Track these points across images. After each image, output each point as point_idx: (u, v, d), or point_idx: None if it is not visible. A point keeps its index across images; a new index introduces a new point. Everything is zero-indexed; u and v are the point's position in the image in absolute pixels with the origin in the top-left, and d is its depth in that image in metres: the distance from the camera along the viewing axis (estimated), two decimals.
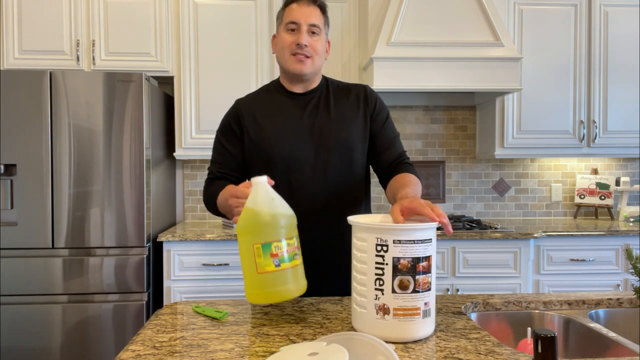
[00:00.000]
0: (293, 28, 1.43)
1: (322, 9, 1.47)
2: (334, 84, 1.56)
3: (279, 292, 1.08)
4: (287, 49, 1.44)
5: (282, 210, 1.11)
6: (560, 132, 3.03)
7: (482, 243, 2.67)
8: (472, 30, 2.77)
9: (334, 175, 1.45)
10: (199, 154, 2.94)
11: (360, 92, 1.53)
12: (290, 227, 1.13)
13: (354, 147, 1.46)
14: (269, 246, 1.07)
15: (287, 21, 1.44)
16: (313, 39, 1.43)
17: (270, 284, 1.08)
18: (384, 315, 0.99)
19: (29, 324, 2.42)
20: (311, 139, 1.45)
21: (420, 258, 0.98)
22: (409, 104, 3.31)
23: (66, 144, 2.44)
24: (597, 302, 1.34)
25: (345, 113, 1.48)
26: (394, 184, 1.38)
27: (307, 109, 1.48)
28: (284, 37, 1.45)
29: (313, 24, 1.43)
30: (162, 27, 2.87)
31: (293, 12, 1.43)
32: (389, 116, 1.54)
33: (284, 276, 1.08)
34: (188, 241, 2.63)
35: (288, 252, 1.09)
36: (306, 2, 1.44)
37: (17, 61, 2.80)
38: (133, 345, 1.00)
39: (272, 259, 1.07)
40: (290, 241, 1.11)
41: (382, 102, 1.55)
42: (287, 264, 1.09)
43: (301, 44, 1.41)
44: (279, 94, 1.52)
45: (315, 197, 1.44)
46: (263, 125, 1.47)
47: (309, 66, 1.44)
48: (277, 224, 1.09)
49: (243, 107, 1.51)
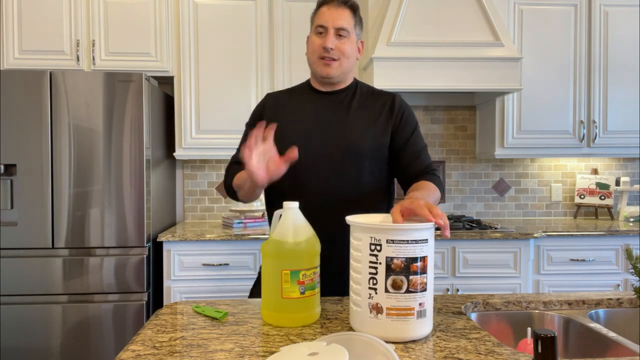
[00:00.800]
0: (321, 31, 1.45)
1: (353, 10, 1.48)
2: (363, 88, 1.56)
3: (298, 319, 1.11)
4: (315, 52, 1.46)
5: (311, 238, 1.14)
6: (560, 132, 3.03)
7: (482, 243, 2.67)
8: (472, 30, 2.77)
9: (340, 176, 1.45)
10: (199, 154, 2.94)
11: (387, 101, 1.52)
12: (317, 255, 1.15)
13: (362, 152, 1.45)
14: (297, 274, 1.10)
15: (316, 24, 1.46)
16: (340, 41, 1.44)
17: (292, 310, 1.10)
18: (377, 315, 0.99)
19: (29, 324, 2.42)
20: (322, 137, 1.46)
21: (414, 258, 0.98)
22: (409, 104, 3.30)
23: (66, 144, 2.44)
24: (597, 302, 1.34)
25: (362, 118, 1.48)
26: (409, 191, 1.38)
27: (328, 107, 1.50)
28: (313, 40, 1.47)
29: (340, 27, 1.43)
30: (162, 27, 2.87)
31: (322, 16, 1.45)
32: (417, 128, 1.53)
33: (306, 303, 1.11)
34: (188, 241, 2.63)
35: (313, 281, 1.12)
36: (336, 4, 1.45)
37: (17, 61, 2.80)
38: (133, 345, 1.00)
39: (298, 286, 1.10)
40: (315, 270, 1.13)
41: (411, 113, 1.53)
42: (311, 292, 1.12)
43: (327, 47, 1.42)
44: (304, 91, 1.55)
45: (321, 196, 1.44)
46: (280, 119, 1.47)
47: (335, 69, 1.46)
48: (307, 253, 1.11)
49: (268, 101, 1.56)
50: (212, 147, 2.92)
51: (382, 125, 1.48)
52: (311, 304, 1.12)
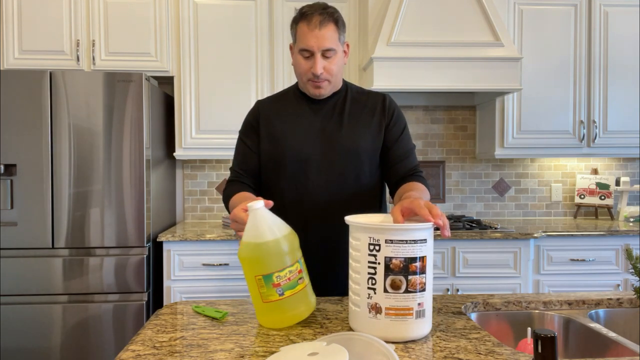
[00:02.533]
0: (307, 55, 1.40)
1: (335, 21, 1.40)
2: (353, 89, 1.55)
3: (287, 318, 1.09)
4: (304, 75, 1.43)
5: (280, 235, 1.07)
6: (560, 132, 3.03)
7: (482, 243, 2.67)
8: (472, 30, 2.77)
9: (341, 179, 1.45)
10: (199, 154, 2.94)
11: (378, 101, 1.51)
12: (292, 251, 1.09)
13: (362, 154, 1.45)
14: (270, 277, 1.05)
15: (300, 47, 1.40)
16: (328, 61, 1.40)
17: (278, 311, 1.07)
18: (376, 315, 0.99)
19: (29, 324, 2.42)
20: (320, 142, 1.45)
21: (413, 258, 0.98)
22: (409, 104, 3.31)
23: (66, 144, 2.44)
24: (597, 302, 1.34)
25: (358, 120, 1.47)
26: (400, 191, 1.38)
27: (322, 112, 1.48)
28: (300, 61, 1.42)
29: (327, 48, 1.38)
30: (162, 27, 2.87)
31: (305, 38, 1.38)
32: (406, 128, 1.52)
33: (290, 303, 1.07)
34: (188, 241, 2.63)
35: (291, 280, 1.07)
36: (317, 21, 1.36)
37: (17, 61, 2.80)
38: (133, 345, 1.00)
39: (274, 288, 1.06)
40: (292, 267, 1.07)
41: (400, 114, 1.53)
42: (291, 291, 1.07)
43: (316, 74, 1.39)
44: (296, 96, 1.52)
45: (321, 200, 1.44)
46: (276, 126, 1.47)
47: (326, 88, 1.44)
48: (276, 253, 1.06)
49: (261, 107, 1.53)
50: (212, 147, 2.92)
51: (376, 124, 1.48)
52: (298, 301, 1.08)
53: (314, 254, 1.38)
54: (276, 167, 1.46)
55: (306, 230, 1.41)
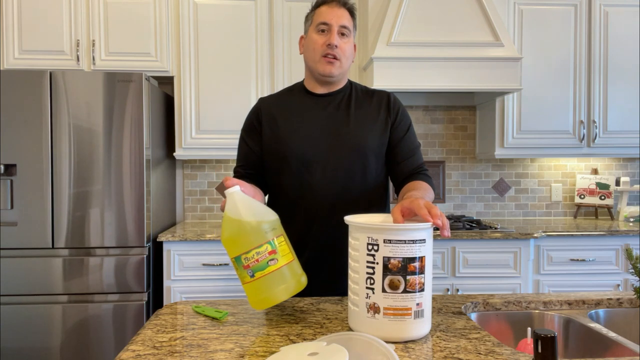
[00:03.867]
0: (324, 29, 1.43)
1: (352, 13, 1.47)
2: (357, 87, 1.55)
3: (267, 299, 1.09)
4: (319, 50, 1.43)
5: (246, 217, 1.08)
6: (560, 132, 3.03)
7: (482, 243, 2.67)
8: (472, 30, 2.77)
9: (345, 177, 1.44)
10: (199, 154, 2.94)
11: (383, 99, 1.51)
12: (259, 232, 1.08)
13: (368, 151, 1.45)
14: (239, 259, 1.08)
15: (317, 22, 1.44)
16: (343, 40, 1.44)
17: (256, 292, 1.09)
18: (374, 314, 0.99)
19: (29, 324, 2.42)
20: (326, 139, 1.44)
21: (412, 258, 0.98)
22: (408, 104, 3.31)
23: (66, 144, 2.44)
24: (597, 302, 1.34)
25: (364, 117, 1.47)
26: (404, 190, 1.38)
27: (327, 110, 1.48)
28: (315, 38, 1.44)
29: (344, 25, 1.43)
30: (162, 27, 2.87)
31: (324, 14, 1.43)
32: (411, 126, 1.53)
33: (265, 283, 1.08)
34: (188, 241, 2.63)
35: (259, 261, 1.07)
36: (337, 4, 1.44)
37: (17, 61, 2.80)
38: (133, 345, 1.00)
39: (245, 270, 1.08)
40: (260, 249, 1.07)
41: (405, 112, 1.53)
42: (261, 272, 1.08)
43: (332, 44, 1.41)
44: (300, 94, 1.52)
45: (326, 197, 1.43)
46: (279, 123, 1.46)
47: (337, 68, 1.45)
48: (241, 235, 1.07)
49: (263, 105, 1.52)
50: (212, 147, 2.92)
51: (382, 121, 1.48)
52: (272, 282, 1.08)
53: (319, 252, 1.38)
54: (281, 165, 1.46)
55: (311, 227, 1.41)
